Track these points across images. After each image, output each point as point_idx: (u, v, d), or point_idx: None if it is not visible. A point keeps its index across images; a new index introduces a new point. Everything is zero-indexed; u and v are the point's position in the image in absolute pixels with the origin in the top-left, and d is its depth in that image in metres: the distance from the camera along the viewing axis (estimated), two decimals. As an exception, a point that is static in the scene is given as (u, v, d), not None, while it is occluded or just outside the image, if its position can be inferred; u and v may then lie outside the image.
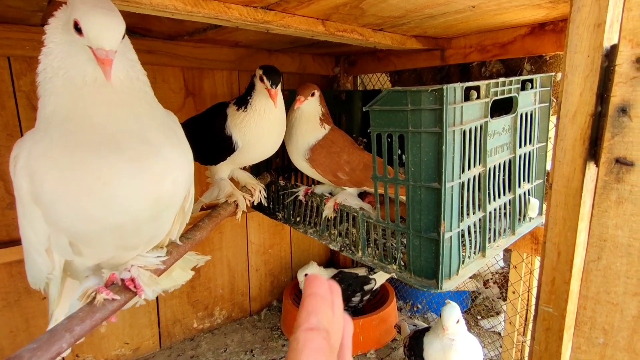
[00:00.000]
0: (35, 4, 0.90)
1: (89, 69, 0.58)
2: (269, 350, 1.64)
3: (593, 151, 0.47)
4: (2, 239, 1.25)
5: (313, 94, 1.06)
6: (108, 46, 0.56)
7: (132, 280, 0.66)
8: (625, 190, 0.43)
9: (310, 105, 1.06)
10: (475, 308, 2.00)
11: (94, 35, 0.55)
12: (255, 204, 1.14)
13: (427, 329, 1.25)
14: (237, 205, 1.02)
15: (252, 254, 1.86)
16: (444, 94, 0.77)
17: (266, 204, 1.24)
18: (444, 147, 0.80)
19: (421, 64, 1.47)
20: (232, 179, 1.14)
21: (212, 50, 1.46)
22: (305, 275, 1.72)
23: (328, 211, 1.11)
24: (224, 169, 1.08)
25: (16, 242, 1.25)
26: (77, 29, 0.56)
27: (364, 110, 0.89)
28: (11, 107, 1.21)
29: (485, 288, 1.97)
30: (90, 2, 0.56)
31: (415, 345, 1.23)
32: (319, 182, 1.24)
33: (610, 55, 0.44)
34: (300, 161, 1.12)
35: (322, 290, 0.33)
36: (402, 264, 0.95)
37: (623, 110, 0.41)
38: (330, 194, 1.18)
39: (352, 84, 1.88)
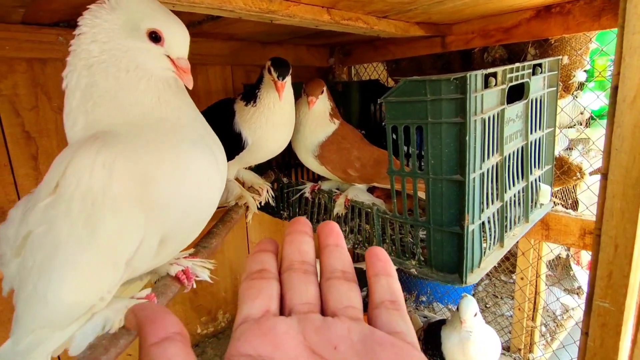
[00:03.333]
0: (17, -1, 0.82)
1: (168, 76, 0.59)
2: (277, 351, 1.61)
3: (656, 138, 0.44)
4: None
5: (322, 92, 1.02)
6: (186, 55, 0.59)
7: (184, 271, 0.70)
8: (703, 179, 0.40)
9: (321, 103, 1.03)
10: (478, 294, 2.01)
11: (178, 46, 0.57)
12: (262, 204, 1.09)
13: (442, 322, 1.24)
14: (247, 207, 0.97)
15: (254, 253, 1.80)
16: (467, 82, 0.74)
17: (273, 204, 1.19)
18: (467, 138, 0.77)
19: (421, 52, 1.43)
20: (237, 180, 1.08)
21: (204, 45, 1.39)
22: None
23: (339, 208, 1.07)
24: (231, 169, 1.03)
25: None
26: (154, 37, 0.55)
27: (378, 102, 0.86)
28: (-8, 112, 1.12)
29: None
30: (160, 9, 0.57)
31: (432, 338, 1.21)
32: (323, 178, 1.20)
33: (678, 34, 0.42)
34: (308, 158, 1.08)
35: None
36: (422, 259, 0.92)
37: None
38: (337, 189, 1.14)
39: (347, 74, 1.83)
